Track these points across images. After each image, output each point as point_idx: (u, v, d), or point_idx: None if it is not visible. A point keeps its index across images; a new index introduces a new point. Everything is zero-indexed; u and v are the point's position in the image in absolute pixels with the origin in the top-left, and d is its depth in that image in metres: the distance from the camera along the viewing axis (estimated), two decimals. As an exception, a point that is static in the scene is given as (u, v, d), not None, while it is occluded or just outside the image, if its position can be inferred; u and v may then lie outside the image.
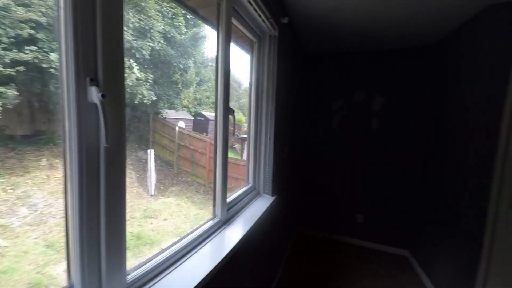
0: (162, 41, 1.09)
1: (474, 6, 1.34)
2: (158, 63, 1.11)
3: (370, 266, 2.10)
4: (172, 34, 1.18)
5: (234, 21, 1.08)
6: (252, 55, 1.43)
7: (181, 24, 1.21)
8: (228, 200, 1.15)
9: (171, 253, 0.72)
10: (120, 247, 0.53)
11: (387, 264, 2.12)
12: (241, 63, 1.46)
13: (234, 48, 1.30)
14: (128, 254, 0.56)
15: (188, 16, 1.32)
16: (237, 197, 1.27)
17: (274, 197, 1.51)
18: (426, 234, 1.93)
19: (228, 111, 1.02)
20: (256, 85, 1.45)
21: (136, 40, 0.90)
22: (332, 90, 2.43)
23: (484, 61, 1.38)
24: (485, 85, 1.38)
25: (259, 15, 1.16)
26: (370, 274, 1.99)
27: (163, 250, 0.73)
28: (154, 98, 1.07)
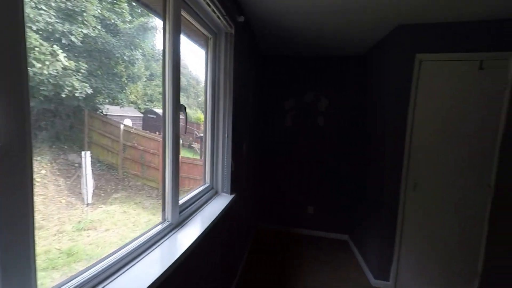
0: (99, 27, 0.96)
1: (388, 24, 1.67)
2: (94, 51, 0.97)
3: (318, 252, 2.37)
4: (113, 21, 1.05)
5: (185, 14, 1.05)
6: (208, 51, 1.42)
7: (124, 11, 1.09)
8: (181, 201, 1.11)
9: (110, 263, 0.65)
10: (24, 271, 0.43)
11: (331, 249, 2.43)
12: (198, 59, 1.42)
13: (188, 43, 1.27)
14: (56, 275, 0.48)
15: (133, 3, 1.20)
16: (192, 198, 1.24)
17: (233, 196, 1.53)
18: (360, 219, 2.30)
19: (178, 107, 0.99)
20: (212, 82, 1.44)
21: (61, 23, 0.76)
22: (286, 90, 2.62)
23: (391, 72, 1.74)
24: (393, 94, 1.74)
25: (213, 11, 1.17)
26: (318, 260, 2.25)
27: (99, 261, 0.65)
28: (89, 91, 0.94)
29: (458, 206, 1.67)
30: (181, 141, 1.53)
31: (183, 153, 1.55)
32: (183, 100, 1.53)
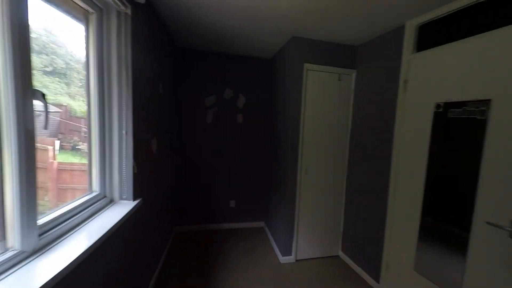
0: None
1: (285, 35, 1.97)
2: None
3: (240, 243, 2.51)
4: None
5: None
6: (88, 28, 1.13)
7: None
8: (45, 220, 0.83)
9: None
10: None
11: (251, 237, 2.65)
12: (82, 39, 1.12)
13: (57, 14, 0.96)
14: None
15: None
16: (67, 212, 0.95)
17: (137, 201, 1.32)
18: (272, 205, 2.65)
19: (28, 92, 0.72)
20: (99, 68, 1.17)
21: None
22: (206, 86, 2.57)
23: (290, 76, 2.08)
24: (292, 96, 2.11)
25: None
26: (240, 249, 2.38)
27: None
28: None
29: (330, 183, 2.26)
30: (58, 142, 1.15)
31: (65, 158, 1.17)
32: (60, 88, 1.14)
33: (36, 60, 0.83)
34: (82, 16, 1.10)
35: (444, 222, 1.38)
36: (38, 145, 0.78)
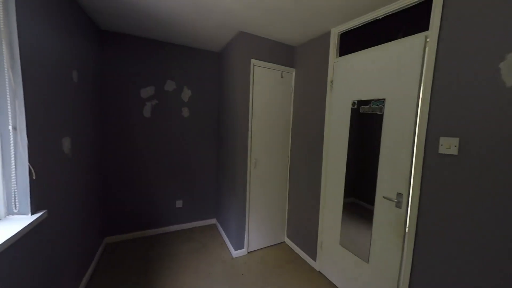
0: None
1: (231, 29, 2.00)
2: None
3: (189, 243, 2.42)
4: None
5: None
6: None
7: None
8: None
9: None
10: None
11: (202, 236, 2.60)
12: None
13: None
14: None
15: None
16: None
17: (38, 215, 1.09)
18: (223, 200, 2.65)
19: None
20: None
21: None
22: (142, 76, 2.34)
23: (238, 71, 2.12)
24: (240, 90, 2.15)
25: None
26: (189, 250, 2.30)
27: None
28: None
29: (277, 174, 2.43)
30: None
31: None
32: None
33: None
34: None
35: (359, 199, 1.66)
36: None
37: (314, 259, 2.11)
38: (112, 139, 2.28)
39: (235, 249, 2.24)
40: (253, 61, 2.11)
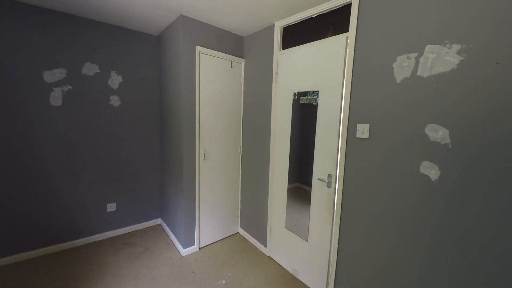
0: None
1: (171, 12, 1.90)
2: None
3: (127, 250, 2.21)
4: None
5: None
6: None
7: None
8: None
9: None
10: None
11: (144, 239, 2.41)
12: None
13: None
14: None
15: None
16: None
17: None
18: (169, 197, 2.52)
19: None
20: None
21: None
22: (45, 55, 1.93)
23: (182, 56, 2.01)
24: (185, 77, 2.06)
25: None
26: (128, 258, 2.11)
27: None
28: None
29: (228, 164, 2.47)
30: None
31: None
32: None
33: None
34: None
35: (303, 184, 1.86)
36: None
37: (265, 245, 2.26)
38: (2, 134, 1.83)
39: (184, 247, 2.19)
40: (198, 48, 2.05)
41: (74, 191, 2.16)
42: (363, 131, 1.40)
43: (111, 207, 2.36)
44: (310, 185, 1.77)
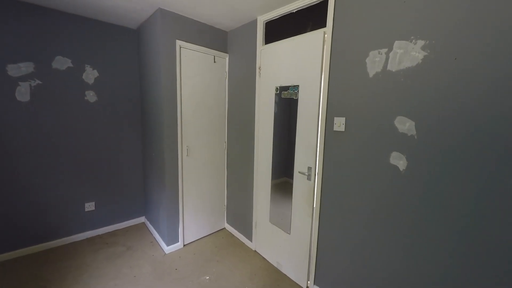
0: None
1: (149, 5, 1.89)
2: None
3: (108, 249, 2.19)
4: None
5: None
6: None
7: None
8: None
9: None
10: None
11: (126, 238, 2.40)
12: None
13: None
14: None
15: None
16: None
17: None
18: (151, 195, 2.50)
19: None
20: None
21: None
22: (9, 47, 1.85)
23: (162, 51, 2.00)
24: (165, 71, 2.04)
25: None
26: (108, 257, 2.10)
27: None
28: None
29: (213, 159, 2.49)
30: None
31: None
32: None
33: None
34: None
35: (289, 178, 1.92)
36: None
37: (251, 240, 2.31)
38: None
39: (168, 245, 2.20)
40: (179, 42, 2.05)
41: (48, 190, 2.11)
42: (339, 124, 1.47)
43: (89, 206, 2.33)
44: (290, 177, 1.83)
